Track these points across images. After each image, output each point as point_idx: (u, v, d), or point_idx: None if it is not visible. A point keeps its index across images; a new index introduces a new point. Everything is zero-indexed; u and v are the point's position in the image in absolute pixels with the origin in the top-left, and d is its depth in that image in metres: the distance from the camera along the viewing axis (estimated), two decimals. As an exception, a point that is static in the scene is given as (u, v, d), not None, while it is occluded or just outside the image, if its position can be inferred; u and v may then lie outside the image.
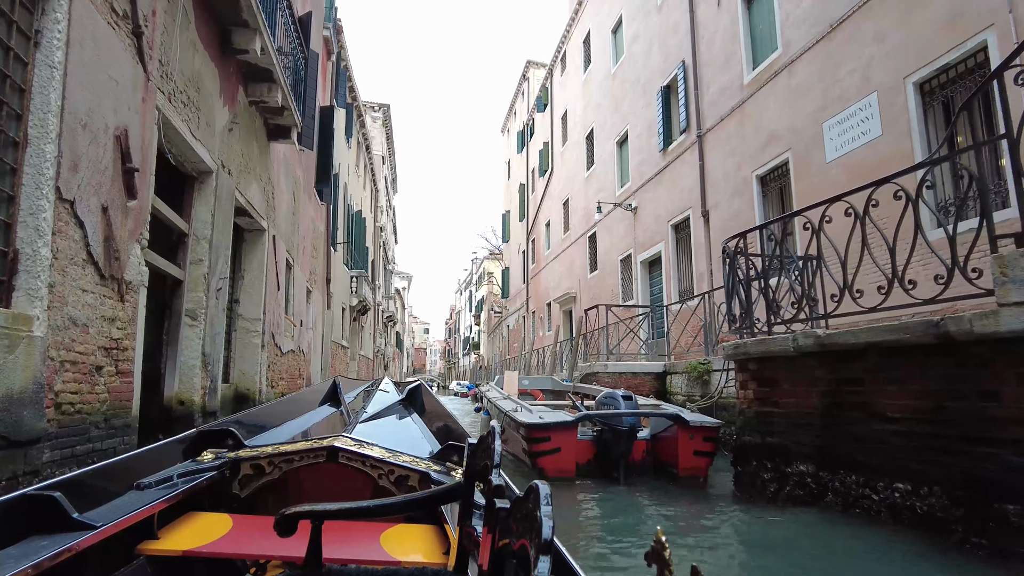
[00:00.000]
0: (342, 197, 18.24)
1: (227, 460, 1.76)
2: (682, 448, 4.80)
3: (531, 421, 4.89)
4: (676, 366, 8.74)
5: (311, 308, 13.09)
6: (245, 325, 8.03)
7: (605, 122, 18.21)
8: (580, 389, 8.72)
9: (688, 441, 4.83)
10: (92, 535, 1.22)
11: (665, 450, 5.08)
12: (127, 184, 4.14)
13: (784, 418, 4.10)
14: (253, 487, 1.76)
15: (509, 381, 9.22)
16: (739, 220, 10.99)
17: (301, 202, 11.47)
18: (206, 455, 1.84)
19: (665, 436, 5.07)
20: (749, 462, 4.46)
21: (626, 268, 16.32)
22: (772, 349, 4.14)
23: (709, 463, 4.99)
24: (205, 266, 6.02)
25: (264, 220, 8.27)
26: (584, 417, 4.88)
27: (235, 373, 7.86)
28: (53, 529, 1.23)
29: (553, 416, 4.98)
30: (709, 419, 5.04)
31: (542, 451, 4.68)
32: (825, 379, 3.77)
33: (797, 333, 3.91)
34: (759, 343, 4.29)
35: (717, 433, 4.98)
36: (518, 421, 5.07)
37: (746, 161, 10.88)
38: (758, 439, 4.37)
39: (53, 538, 1.19)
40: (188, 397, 5.73)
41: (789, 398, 4.07)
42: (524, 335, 29.51)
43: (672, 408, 5.48)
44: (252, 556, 1.53)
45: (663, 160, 14.20)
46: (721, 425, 5.03)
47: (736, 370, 4.82)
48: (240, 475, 1.76)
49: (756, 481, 4.32)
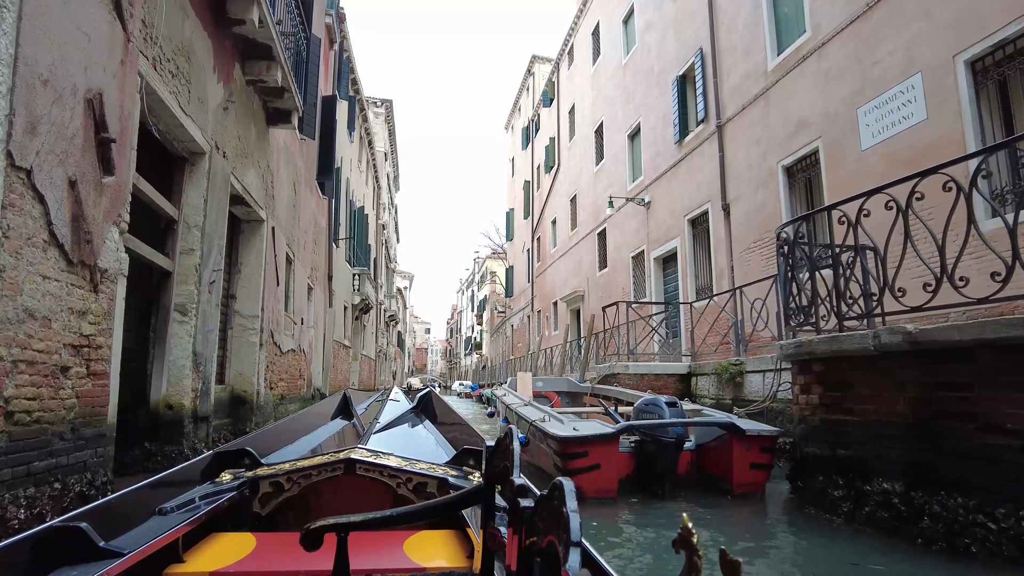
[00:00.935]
0: (344, 192, 17.70)
1: (246, 479, 1.76)
2: (737, 461, 4.23)
3: (565, 434, 4.21)
4: (703, 367, 8.17)
5: (312, 306, 12.54)
6: (242, 322, 7.48)
7: (616, 115, 17.65)
8: (600, 391, 8.15)
9: (744, 453, 4.25)
10: (120, 563, 1.23)
11: (715, 462, 4.50)
12: (102, 157, 3.58)
13: (861, 427, 3.54)
14: (273, 504, 1.76)
15: (523, 383, 8.67)
16: (763, 213, 10.44)
17: (302, 194, 10.93)
18: (225, 476, 1.84)
19: (715, 447, 4.49)
20: (814, 476, 3.90)
21: (638, 265, 15.76)
22: (845, 348, 3.58)
23: (767, 477, 4.41)
24: (197, 256, 5.46)
25: (262, 210, 7.72)
26: (627, 428, 4.28)
27: (231, 374, 7.31)
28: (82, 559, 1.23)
29: (589, 427, 4.37)
30: (766, 427, 4.45)
31: (579, 468, 4.09)
32: (917, 383, 3.21)
33: (880, 330, 3.35)
34: (828, 341, 3.72)
35: (775, 443, 4.39)
36: (548, 433, 4.41)
37: (771, 151, 10.32)
38: (826, 451, 3.81)
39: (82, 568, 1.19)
40: (177, 401, 5.18)
41: (867, 404, 3.51)
42: (529, 335, 28.95)
43: (720, 415, 4.88)
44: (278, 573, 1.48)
45: (679, 152, 13.64)
46: (780, 434, 4.45)
47: (795, 372, 4.27)
48: (260, 493, 1.76)
49: (824, 499, 3.76)
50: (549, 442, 4.41)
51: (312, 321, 12.48)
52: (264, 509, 1.76)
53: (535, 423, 4.70)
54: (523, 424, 5.19)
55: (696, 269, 13.03)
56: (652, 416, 4.25)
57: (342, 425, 2.68)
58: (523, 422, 5.17)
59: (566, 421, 4.57)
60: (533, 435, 4.84)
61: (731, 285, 11.22)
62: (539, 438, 4.66)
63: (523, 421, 5.16)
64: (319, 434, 2.51)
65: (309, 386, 11.81)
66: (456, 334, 78.43)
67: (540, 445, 4.69)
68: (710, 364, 7.99)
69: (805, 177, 9.75)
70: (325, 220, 14.25)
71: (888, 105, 7.96)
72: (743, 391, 7.17)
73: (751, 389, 7.02)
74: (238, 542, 1.56)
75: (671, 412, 4.20)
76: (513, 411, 5.62)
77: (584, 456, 4.08)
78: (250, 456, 1.92)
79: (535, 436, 4.78)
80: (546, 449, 4.56)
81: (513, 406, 5.77)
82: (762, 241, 10.45)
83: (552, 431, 4.28)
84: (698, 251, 13.03)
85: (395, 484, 1.74)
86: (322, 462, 1.75)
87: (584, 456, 4.08)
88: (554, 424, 4.51)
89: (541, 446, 4.67)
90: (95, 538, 1.26)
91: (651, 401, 4.39)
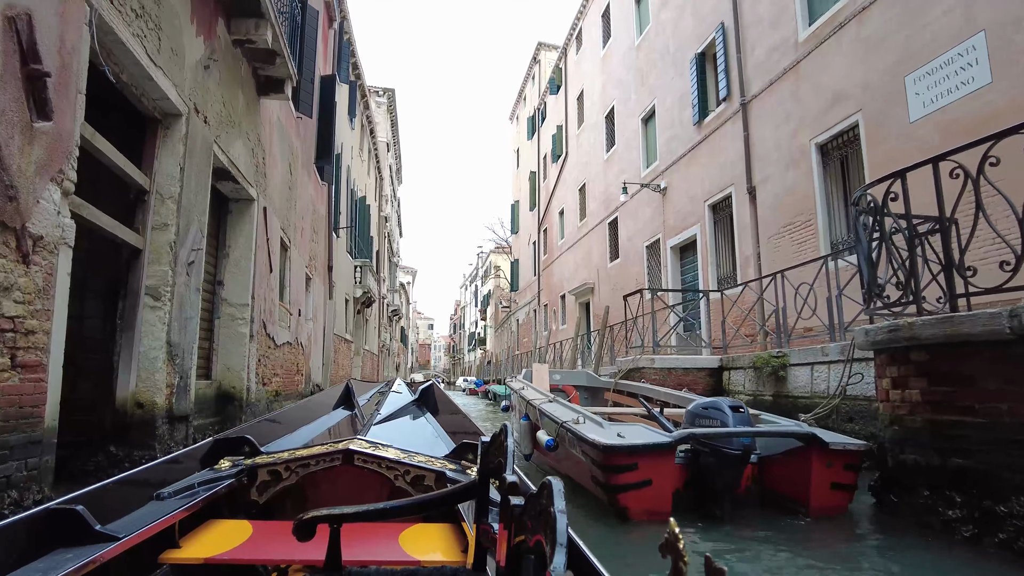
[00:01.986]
0: (345, 180, 16.98)
1: (244, 467, 1.76)
2: (816, 479, 3.46)
3: (610, 442, 3.39)
4: (736, 360, 7.44)
5: (311, 297, 11.84)
6: (230, 311, 6.77)
7: (628, 98, 16.88)
8: (624, 388, 7.42)
9: (824, 470, 3.47)
10: (115, 546, 1.22)
11: (784, 479, 3.72)
12: (34, 95, 2.86)
13: (987, 431, 2.81)
14: (271, 493, 1.75)
15: (539, 375, 7.95)
16: (795, 195, 9.69)
17: (299, 177, 10.21)
18: (223, 463, 1.81)
19: (784, 460, 3.70)
20: (915, 491, 3.17)
21: (653, 255, 15.01)
22: (965, 331, 2.85)
23: (850, 499, 3.62)
24: (171, 232, 4.75)
25: (252, 188, 7.00)
26: (687, 438, 3.48)
27: (218, 368, 6.61)
28: (77, 542, 1.23)
29: (636, 434, 3.53)
30: (852, 440, 3.65)
31: (626, 484, 3.31)
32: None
33: (1018, 307, 2.61)
34: (938, 324, 2.99)
35: (861, 459, 3.61)
36: (586, 439, 3.58)
37: (803, 128, 9.55)
38: (933, 459, 3.08)
39: (77, 551, 1.19)
40: (148, 398, 4.47)
41: (997, 402, 2.78)
42: (535, 329, 28.23)
43: (789, 423, 4.02)
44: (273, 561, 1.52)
45: (698, 134, 12.88)
46: (867, 447, 3.65)
47: (882, 363, 3.53)
48: (258, 481, 1.75)
49: (931, 518, 3.04)
50: (586, 449, 3.63)
51: (311, 313, 11.78)
52: (261, 497, 1.75)
53: (567, 425, 3.91)
54: (549, 425, 4.43)
55: (718, 257, 12.27)
56: (712, 422, 3.48)
57: (343, 415, 2.66)
58: (549, 422, 4.41)
59: (606, 425, 3.78)
60: (563, 439, 4.07)
61: (757, 273, 10.48)
62: (571, 443, 3.89)
63: (549, 421, 4.39)
64: (319, 424, 2.48)
65: (308, 382, 11.11)
66: (459, 330, 77.82)
67: (573, 452, 3.92)
68: (746, 357, 7.25)
69: (840, 155, 8.99)
70: (325, 207, 13.53)
71: (943, 71, 7.19)
72: (786, 387, 6.44)
73: (796, 384, 6.28)
74: (235, 529, 1.54)
75: (735, 418, 3.43)
76: (536, 408, 4.84)
77: (633, 469, 3.32)
78: (249, 444, 1.89)
79: (566, 440, 4.01)
80: (581, 458, 3.77)
81: (535, 402, 4.98)
82: (793, 225, 9.70)
83: (592, 437, 3.49)
84: (720, 238, 12.28)
85: (393, 476, 1.73)
86: (321, 452, 1.75)
87: (633, 469, 3.32)
88: (592, 428, 3.72)
89: (574, 453, 3.90)
90: (91, 521, 1.25)
91: (711, 405, 3.62)
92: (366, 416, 2.35)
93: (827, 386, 5.78)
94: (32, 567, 1.12)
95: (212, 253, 6.75)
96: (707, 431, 3.43)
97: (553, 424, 4.28)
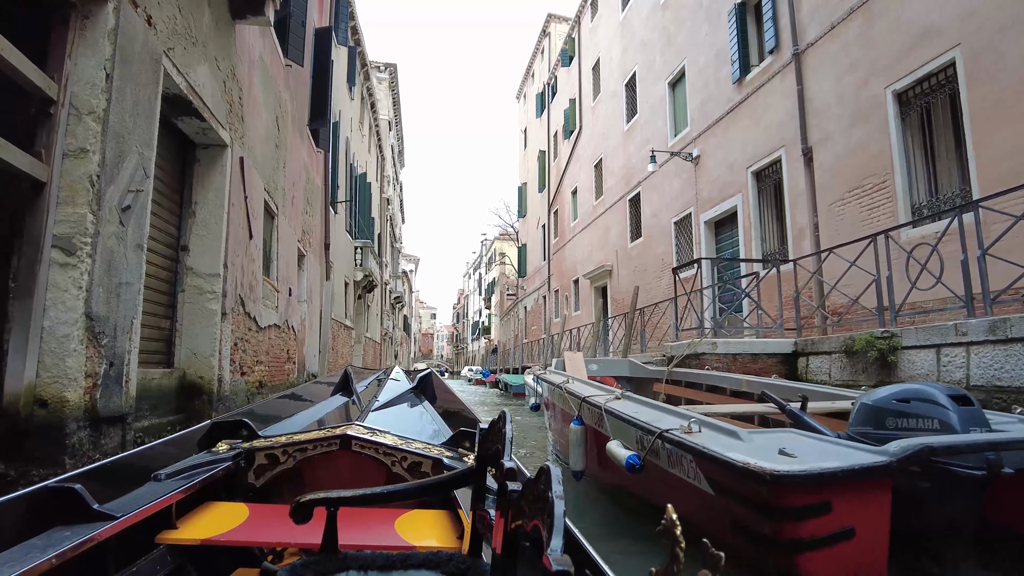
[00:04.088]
0: (344, 152, 15.59)
1: (242, 450, 1.75)
2: None
3: (780, 467, 1.99)
4: (819, 343, 6.09)
5: (305, 276, 10.51)
6: (197, 283, 5.45)
7: (653, 62, 15.42)
8: (680, 376, 6.10)
9: None
10: (112, 525, 1.23)
11: None
12: None
13: None
14: (268, 476, 1.74)
15: (573, 364, 6.63)
16: (863, 155, 8.30)
17: (289, 137, 8.84)
18: (221, 446, 1.81)
19: None
20: None
21: (682, 232, 13.63)
22: None
23: None
24: (93, 162, 3.41)
25: (225, 131, 5.64)
26: (919, 453, 2.08)
27: (181, 354, 5.30)
28: (75, 520, 1.22)
29: (812, 451, 2.17)
30: None
31: (811, 539, 1.93)
32: None
33: None
34: None
35: None
36: (723, 459, 2.17)
37: (876, 75, 8.14)
38: None
39: (75, 529, 1.19)
40: (56, 393, 3.16)
41: None
42: (545, 316, 26.89)
43: None
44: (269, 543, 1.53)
45: (738, 93, 11.46)
46: None
47: None
48: (255, 465, 1.74)
49: None
50: (721, 477, 2.21)
51: (305, 294, 10.46)
52: (259, 480, 1.73)
53: (672, 436, 2.49)
54: (626, 432, 3.05)
55: (763, 231, 10.90)
56: (925, 423, 2.15)
57: (341, 401, 2.63)
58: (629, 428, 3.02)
59: (750, 436, 2.35)
60: (658, 456, 2.68)
61: (815, 246, 9.13)
62: (677, 462, 2.50)
63: (630, 427, 3.00)
64: (318, 409, 2.44)
65: (301, 371, 9.80)
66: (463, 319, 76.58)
67: (683, 478, 2.52)
68: (833, 339, 5.90)
69: (923, 104, 7.58)
70: (320, 179, 12.18)
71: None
72: (896, 375, 5.10)
73: (912, 372, 4.95)
74: (231, 511, 1.53)
75: (963, 416, 2.09)
76: (600, 408, 3.45)
77: (823, 512, 1.95)
78: (247, 427, 1.86)
79: (665, 458, 2.62)
80: (704, 489, 2.35)
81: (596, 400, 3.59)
82: (861, 189, 8.32)
83: (737, 458, 2.03)
84: (765, 209, 10.90)
85: (390, 462, 1.72)
86: (318, 437, 1.74)
87: (823, 512, 1.95)
88: (721, 439, 2.28)
89: (686, 479, 2.49)
90: (89, 500, 1.24)
91: (913, 394, 2.24)
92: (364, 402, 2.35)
93: (965, 373, 4.45)
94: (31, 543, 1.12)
95: (175, 212, 5.42)
96: (952, 440, 2.06)
97: (638, 431, 2.90)
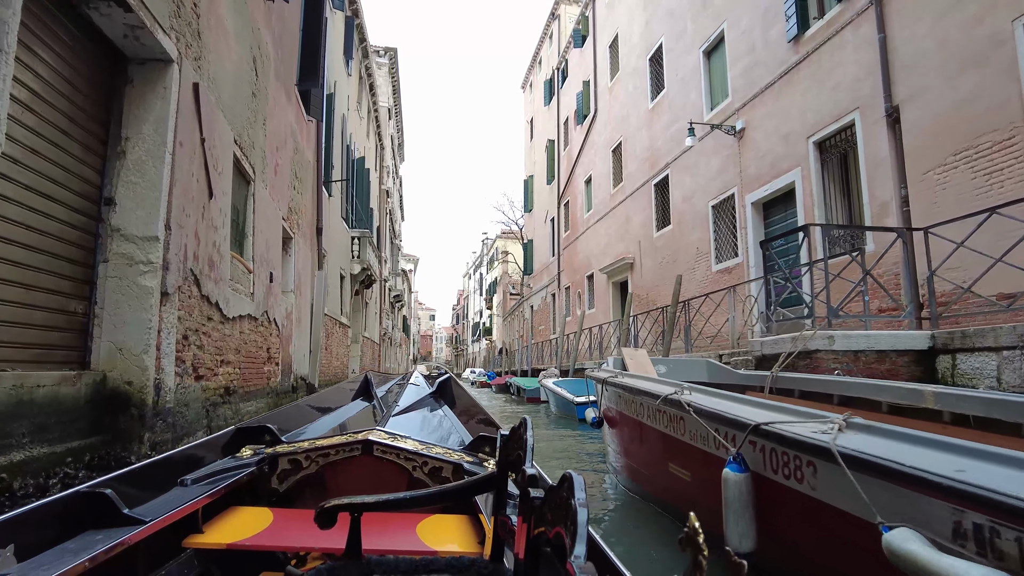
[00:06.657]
0: (340, 130, 14.00)
1: (265, 456, 1.77)
2: None
3: None
4: (977, 336, 4.50)
5: (293, 262, 8.91)
6: (126, 250, 3.85)
7: (684, 30, 13.86)
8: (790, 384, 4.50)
9: None
10: (142, 529, 1.25)
11: None
12: None
13: None
14: (291, 481, 1.77)
15: (636, 363, 5.06)
16: (977, 106, 6.73)
17: (271, 89, 7.25)
18: (245, 451, 1.84)
19: None
20: None
21: (722, 216, 12.06)
22: None
23: None
24: None
25: (171, 39, 4.05)
26: None
27: (101, 349, 3.70)
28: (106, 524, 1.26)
29: None
30: None
31: None
32: None
33: None
34: None
35: None
36: None
37: (994, 7, 6.58)
38: None
39: (106, 532, 1.23)
40: None
41: None
42: (554, 315, 25.30)
43: None
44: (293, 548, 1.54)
45: (794, 54, 9.90)
46: None
47: None
48: (278, 470, 1.77)
49: None
50: None
51: (292, 283, 8.85)
52: (282, 485, 1.75)
53: None
54: (911, 501, 1.49)
55: (828, 210, 9.33)
56: None
57: (362, 406, 2.67)
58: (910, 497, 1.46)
59: None
60: None
61: (901, 222, 7.58)
62: None
63: (915, 497, 1.44)
64: (339, 414, 2.49)
65: (287, 373, 8.19)
66: (463, 320, 74.87)
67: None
68: (1001, 330, 4.32)
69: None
70: (312, 153, 10.58)
71: None
72: None
73: None
74: (255, 516, 1.55)
75: None
76: (807, 446, 1.88)
77: None
78: (270, 433, 1.89)
79: None
80: None
81: (793, 429, 2.02)
82: (976, 149, 6.75)
83: None
84: (830, 184, 9.34)
85: (411, 467, 1.75)
86: (340, 442, 1.76)
87: None
88: None
89: None
90: (119, 504, 1.28)
91: None
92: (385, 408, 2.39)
93: None
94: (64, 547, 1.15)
95: (96, 151, 3.83)
96: None
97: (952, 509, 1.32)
